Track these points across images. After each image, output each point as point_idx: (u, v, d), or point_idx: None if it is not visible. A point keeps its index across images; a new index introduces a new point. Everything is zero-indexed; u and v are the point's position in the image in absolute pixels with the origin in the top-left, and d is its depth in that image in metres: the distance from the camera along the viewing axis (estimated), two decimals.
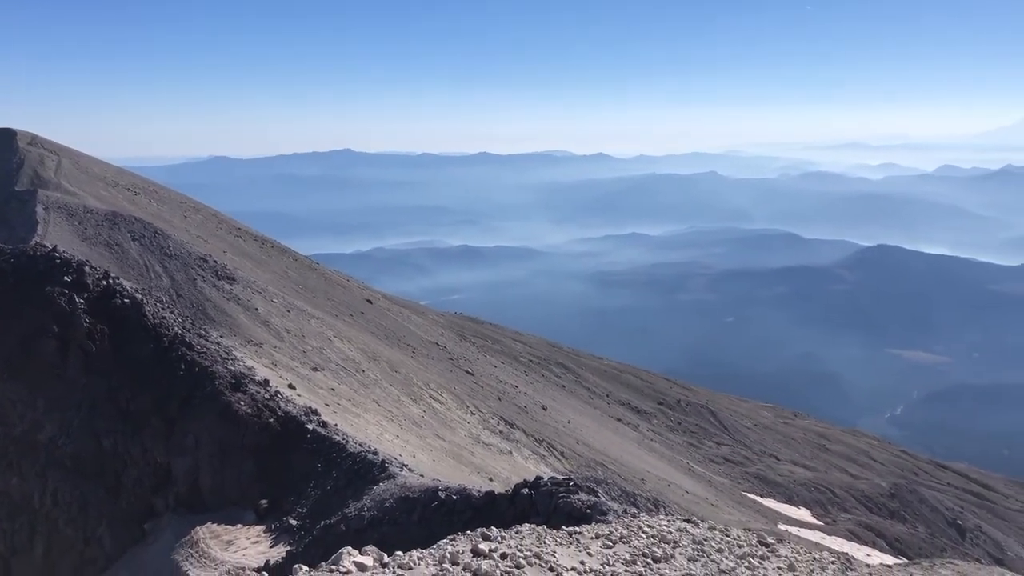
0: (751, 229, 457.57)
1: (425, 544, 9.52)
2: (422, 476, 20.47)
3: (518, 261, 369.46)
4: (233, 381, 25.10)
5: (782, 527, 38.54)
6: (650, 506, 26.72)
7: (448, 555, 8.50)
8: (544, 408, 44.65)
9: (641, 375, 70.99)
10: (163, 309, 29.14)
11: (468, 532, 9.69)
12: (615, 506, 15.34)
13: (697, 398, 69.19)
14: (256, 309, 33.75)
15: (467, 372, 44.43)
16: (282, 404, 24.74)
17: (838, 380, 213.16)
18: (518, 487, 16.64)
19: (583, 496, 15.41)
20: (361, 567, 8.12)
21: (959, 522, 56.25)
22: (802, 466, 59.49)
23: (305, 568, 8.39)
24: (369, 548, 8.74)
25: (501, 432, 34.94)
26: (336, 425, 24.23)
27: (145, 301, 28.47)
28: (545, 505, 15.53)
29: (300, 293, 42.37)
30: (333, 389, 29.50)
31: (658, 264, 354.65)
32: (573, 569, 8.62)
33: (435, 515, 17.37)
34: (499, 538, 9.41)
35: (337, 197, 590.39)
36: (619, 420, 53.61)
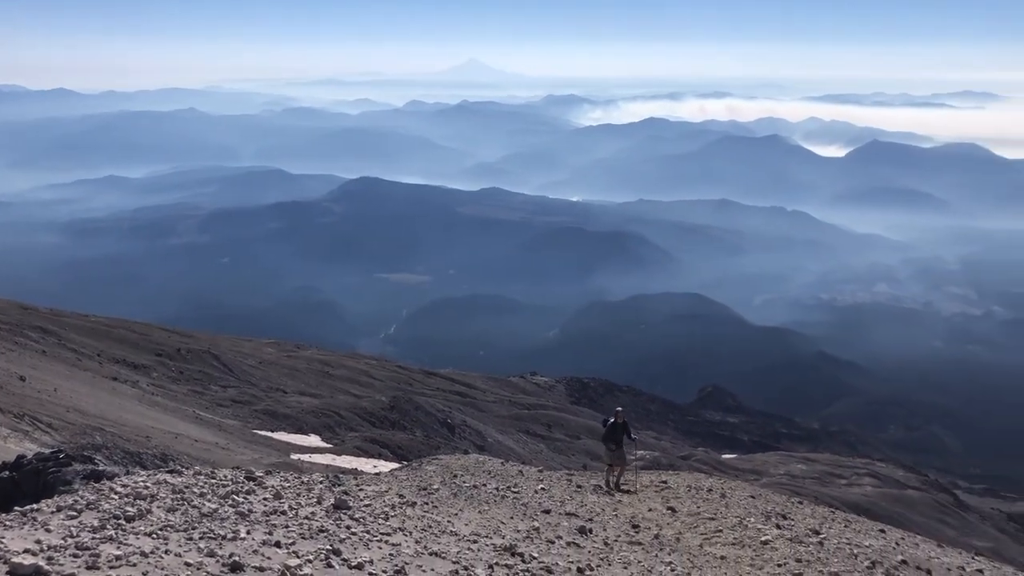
0: (239, 167, 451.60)
1: None
2: None
3: None
4: None
5: (295, 456, 39.77)
6: (158, 462, 25.59)
7: None
8: (22, 379, 39.61)
9: (135, 328, 66.60)
10: None
11: None
12: (118, 470, 14.41)
13: (198, 344, 67.23)
14: None
15: None
16: None
17: (335, 308, 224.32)
18: None
19: (78, 467, 14.18)
20: None
21: (449, 421, 63.64)
22: (309, 395, 61.73)
23: None
24: None
25: None
26: None
27: None
28: (33, 485, 13.97)
29: None
30: None
31: (142, 208, 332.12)
32: (27, 551, 7.55)
33: None
34: None
35: None
36: (115, 379, 49.82)
